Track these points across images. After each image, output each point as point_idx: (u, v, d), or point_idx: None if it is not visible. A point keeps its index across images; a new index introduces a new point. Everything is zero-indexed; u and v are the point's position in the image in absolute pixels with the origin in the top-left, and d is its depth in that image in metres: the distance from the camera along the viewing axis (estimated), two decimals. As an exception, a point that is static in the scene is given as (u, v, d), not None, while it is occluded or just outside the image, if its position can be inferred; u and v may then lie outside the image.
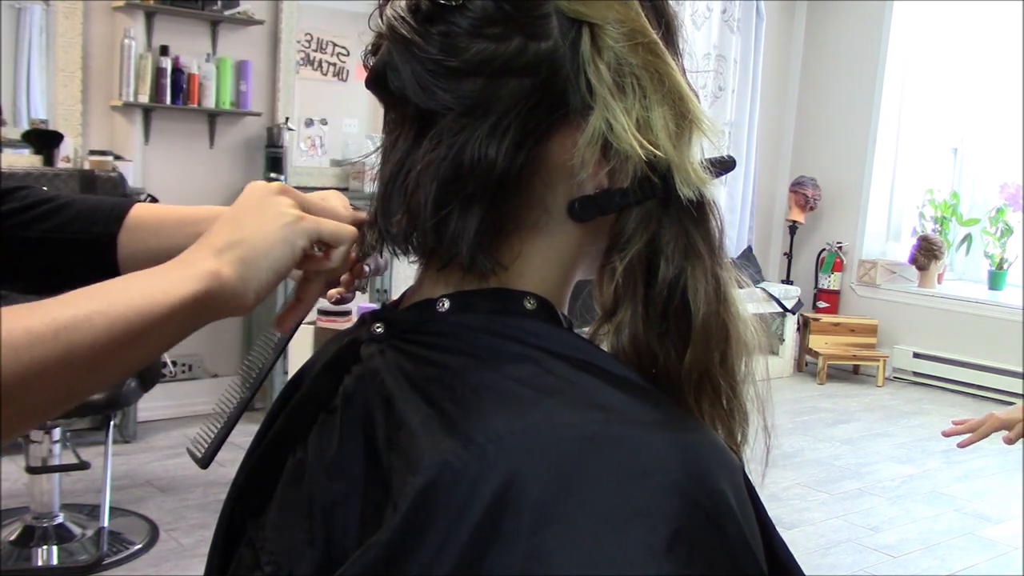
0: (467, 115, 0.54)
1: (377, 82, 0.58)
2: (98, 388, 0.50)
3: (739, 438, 0.59)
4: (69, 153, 3.93)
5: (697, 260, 0.57)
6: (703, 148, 0.58)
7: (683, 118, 0.56)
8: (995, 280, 5.75)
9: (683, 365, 0.57)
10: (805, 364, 6.04)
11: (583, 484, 0.47)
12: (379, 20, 0.58)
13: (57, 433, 2.89)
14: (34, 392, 0.46)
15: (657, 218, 0.57)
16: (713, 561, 0.47)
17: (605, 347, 0.59)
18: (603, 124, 0.55)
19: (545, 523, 0.46)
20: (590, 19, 0.55)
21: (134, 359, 0.50)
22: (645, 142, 0.54)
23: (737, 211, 5.93)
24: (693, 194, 0.56)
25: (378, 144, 0.62)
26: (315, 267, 0.62)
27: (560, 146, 0.56)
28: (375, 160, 0.61)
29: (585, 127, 0.55)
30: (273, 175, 4.45)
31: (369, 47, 0.60)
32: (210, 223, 0.73)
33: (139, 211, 0.80)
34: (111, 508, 2.98)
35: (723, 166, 0.59)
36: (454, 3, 0.54)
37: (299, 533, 0.58)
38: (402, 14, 0.56)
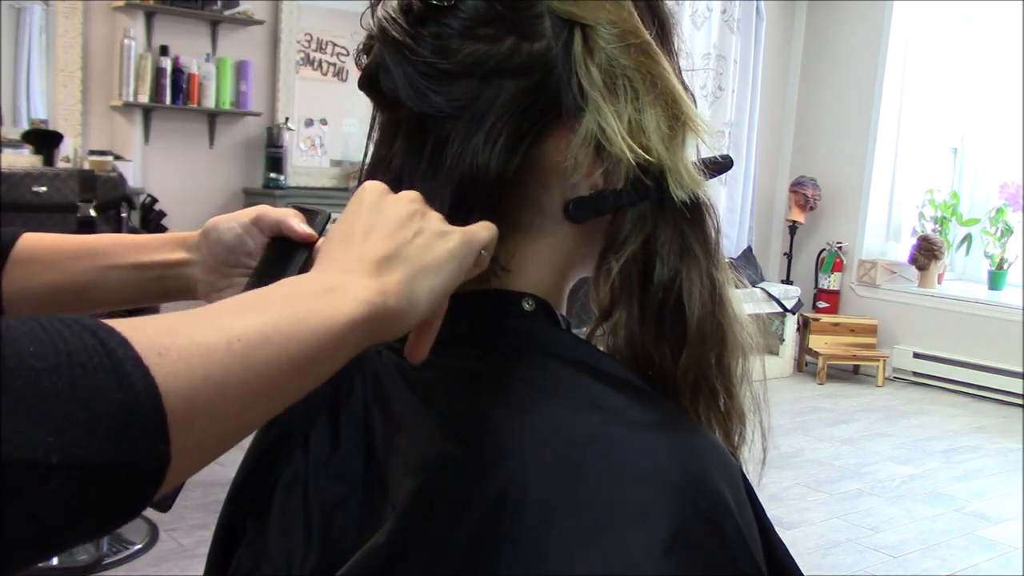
0: (460, 118, 0.54)
1: (369, 83, 0.58)
2: (266, 417, 0.43)
3: (736, 440, 0.59)
4: (69, 153, 3.93)
5: (692, 261, 0.57)
6: (700, 148, 0.58)
7: (676, 120, 0.55)
8: (995, 280, 5.75)
9: (679, 367, 0.57)
10: (805, 364, 6.04)
11: (581, 485, 0.47)
12: (371, 20, 0.58)
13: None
14: (208, 415, 0.38)
15: (652, 219, 0.56)
16: (712, 562, 0.46)
17: (602, 348, 0.59)
18: (595, 126, 0.54)
19: (543, 525, 0.46)
20: (582, 20, 0.55)
21: (307, 383, 0.44)
22: (636, 145, 0.54)
23: (737, 211, 5.93)
24: (687, 196, 0.56)
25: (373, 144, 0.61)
26: (474, 273, 0.55)
27: (554, 147, 0.56)
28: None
29: (578, 128, 0.55)
30: (273, 175, 4.45)
31: (361, 46, 0.60)
32: (117, 253, 0.69)
33: (29, 242, 0.70)
34: (111, 508, 2.98)
35: (719, 167, 0.59)
36: (446, 3, 0.54)
37: (298, 534, 0.58)
38: (393, 15, 0.55)
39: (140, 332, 0.37)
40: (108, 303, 0.71)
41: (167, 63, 4.16)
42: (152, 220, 3.97)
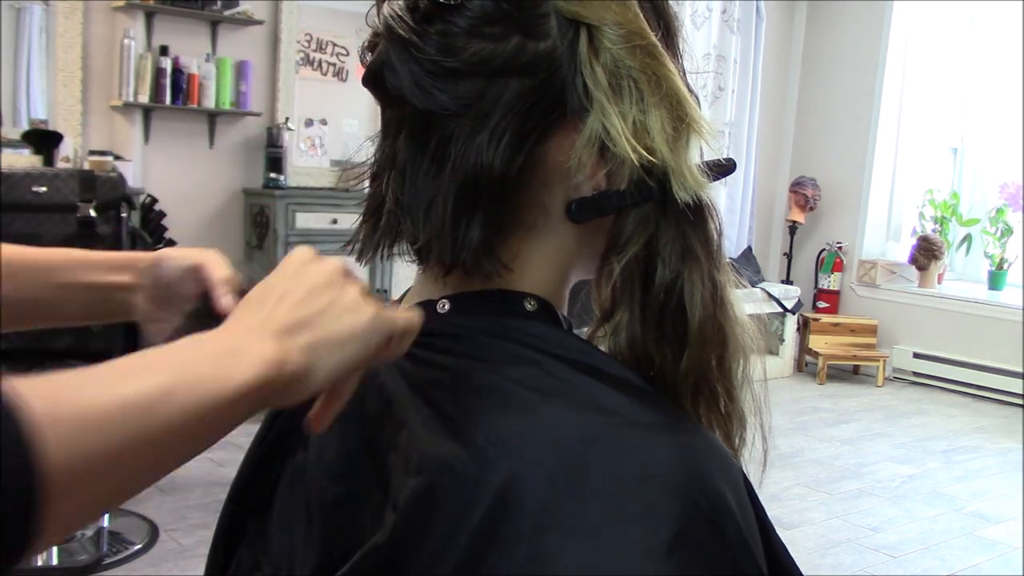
0: (465, 116, 0.54)
1: (374, 81, 0.58)
2: (157, 478, 0.43)
3: (736, 441, 0.59)
4: (69, 153, 3.93)
5: (694, 263, 0.57)
6: (702, 150, 0.58)
7: (680, 121, 0.55)
8: (995, 280, 5.75)
9: (680, 368, 0.57)
10: (805, 364, 6.04)
11: (583, 486, 0.47)
12: (376, 18, 0.58)
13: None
14: (92, 482, 0.39)
15: (655, 221, 0.56)
16: (713, 563, 0.47)
17: (603, 349, 0.59)
18: (599, 127, 0.54)
19: (545, 525, 0.46)
20: (588, 20, 0.55)
21: (195, 447, 0.44)
22: (640, 147, 0.54)
23: (737, 211, 5.93)
24: (690, 198, 0.56)
25: (375, 142, 0.61)
26: (377, 360, 0.54)
27: (558, 147, 0.56)
28: (368, 157, 0.61)
29: (583, 128, 0.55)
30: (273, 175, 4.46)
31: (366, 43, 0.59)
32: (69, 270, 0.69)
33: None
34: (111, 508, 2.98)
35: (722, 169, 0.59)
36: (453, 2, 0.54)
37: (299, 534, 0.58)
38: (400, 13, 0.55)
39: (36, 395, 0.37)
40: (57, 319, 0.71)
41: (167, 63, 4.16)
42: (152, 220, 3.97)
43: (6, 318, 0.68)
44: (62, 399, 0.38)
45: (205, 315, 0.63)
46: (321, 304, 0.50)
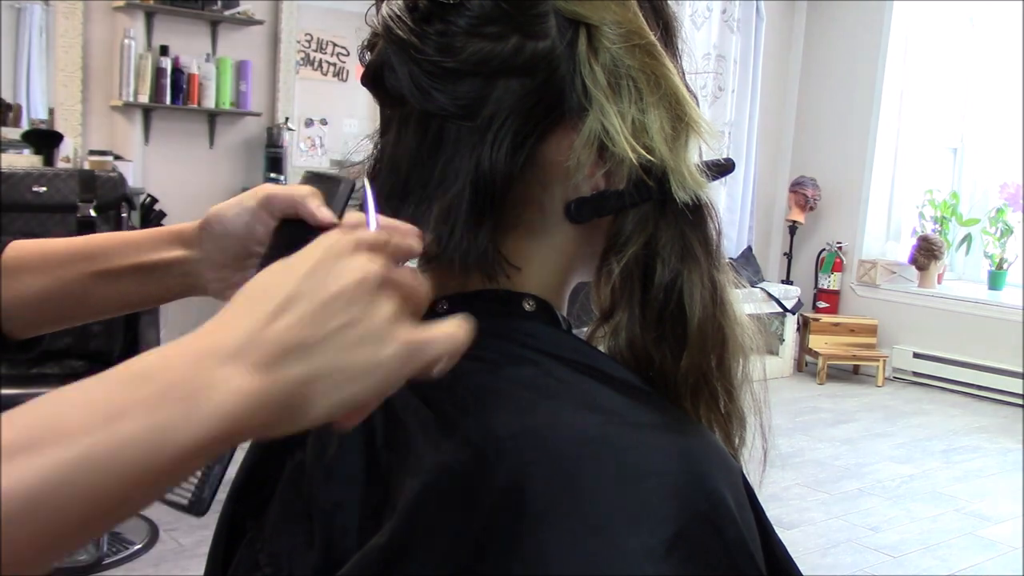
0: (464, 117, 0.54)
1: (373, 80, 0.58)
2: (102, 532, 0.36)
3: (736, 441, 0.59)
4: (69, 153, 3.93)
5: (693, 263, 0.57)
6: (701, 150, 0.58)
7: (679, 121, 0.55)
8: (995, 280, 5.75)
9: (679, 368, 0.57)
10: (805, 364, 6.04)
11: (582, 487, 0.47)
12: (375, 17, 0.58)
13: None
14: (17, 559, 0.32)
15: (654, 220, 0.56)
16: (712, 564, 0.46)
17: (602, 349, 0.58)
18: (598, 127, 0.54)
19: (545, 526, 0.46)
20: (587, 20, 0.54)
21: (141, 503, 0.37)
22: (639, 146, 0.54)
23: (737, 211, 5.93)
24: (689, 197, 0.56)
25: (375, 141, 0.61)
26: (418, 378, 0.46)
27: (557, 147, 0.56)
28: (367, 155, 0.61)
29: (582, 128, 0.55)
30: (273, 175, 4.46)
31: (365, 43, 0.59)
32: (106, 258, 0.63)
33: (16, 251, 0.64)
34: (111, 508, 2.98)
35: (721, 169, 0.59)
36: (452, 1, 0.54)
37: (299, 534, 0.58)
38: (399, 13, 0.55)
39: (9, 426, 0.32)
40: (110, 309, 0.65)
41: (167, 63, 4.16)
42: (152, 220, 3.97)
43: (54, 314, 0.64)
44: (15, 442, 0.32)
45: (291, 248, 0.46)
46: (336, 324, 0.41)
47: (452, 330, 0.45)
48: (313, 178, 0.56)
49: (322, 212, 0.52)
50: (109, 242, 0.64)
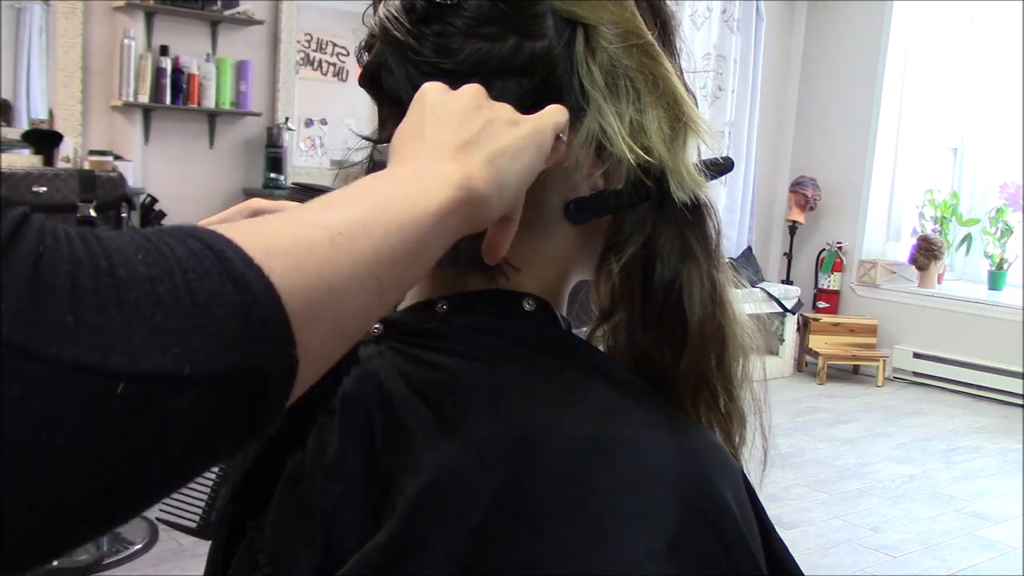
0: None
1: (371, 81, 0.58)
2: (376, 315, 0.41)
3: (736, 441, 0.59)
4: (69, 153, 3.93)
5: (693, 263, 0.57)
6: (700, 150, 0.58)
7: (677, 121, 0.55)
8: (995, 280, 5.75)
9: (679, 368, 0.57)
10: (805, 364, 6.04)
11: (582, 487, 0.47)
12: (373, 17, 0.58)
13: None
14: (324, 313, 0.36)
15: (653, 220, 0.56)
16: (713, 564, 0.46)
17: (602, 348, 0.58)
18: (596, 127, 0.54)
19: (545, 526, 0.46)
20: (584, 19, 0.54)
21: (408, 276, 0.42)
22: (636, 146, 0.54)
23: (737, 211, 5.93)
24: (688, 197, 0.56)
25: (372, 140, 0.61)
26: (552, 161, 0.53)
27: (554, 146, 0.56)
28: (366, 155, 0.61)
29: (580, 128, 0.55)
30: (273, 175, 4.46)
31: (363, 43, 0.59)
32: None
33: None
34: (111, 508, 2.97)
35: (720, 168, 0.59)
36: (449, 2, 0.54)
37: (299, 535, 0.58)
38: (396, 14, 0.55)
39: (241, 235, 0.35)
40: None
41: (167, 63, 4.16)
42: (152, 220, 3.97)
43: None
44: (269, 239, 0.35)
45: None
46: (480, 123, 0.49)
47: (554, 107, 0.53)
48: (300, 190, 0.59)
49: None
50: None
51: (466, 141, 0.47)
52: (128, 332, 0.30)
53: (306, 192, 0.64)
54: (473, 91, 0.51)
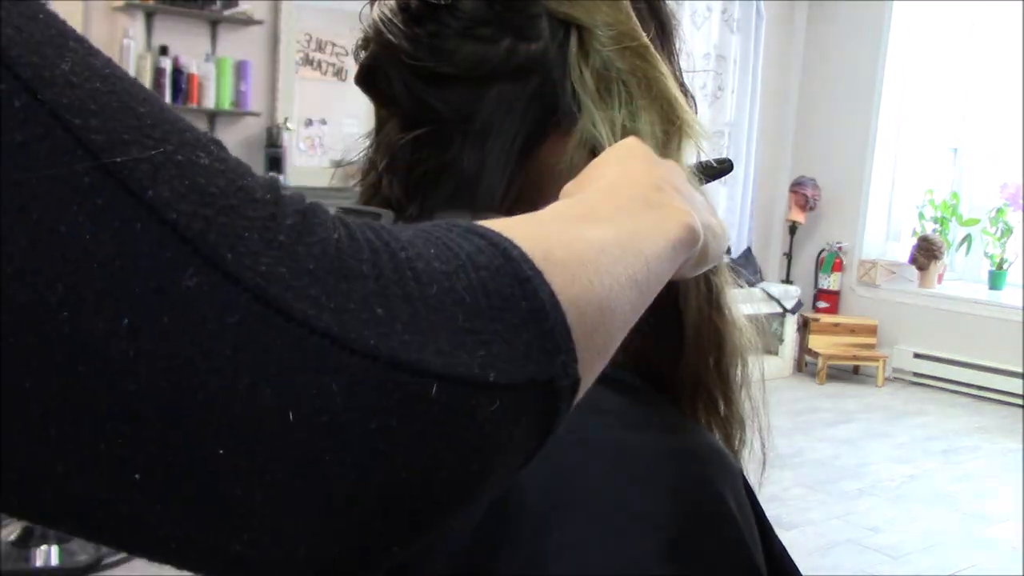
0: (459, 122, 0.54)
1: (366, 81, 0.58)
2: (621, 338, 0.38)
3: (736, 443, 0.59)
4: (69, 153, 3.93)
5: None
6: (700, 151, 0.58)
7: (671, 124, 0.55)
8: (995, 280, 5.75)
9: (677, 371, 0.56)
10: (805, 364, 6.04)
11: (582, 489, 0.47)
12: (369, 16, 0.57)
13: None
14: (595, 329, 0.34)
15: None
16: (712, 565, 0.46)
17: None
18: (590, 131, 0.54)
19: (544, 529, 0.46)
20: (578, 21, 0.54)
21: (646, 302, 0.40)
22: None
23: (737, 211, 5.93)
24: None
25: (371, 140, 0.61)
26: (679, 275, 0.48)
27: (551, 149, 0.55)
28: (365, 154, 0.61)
29: (574, 131, 0.54)
30: (273, 174, 4.45)
31: (359, 43, 0.59)
32: None
33: None
34: (111, 508, 2.97)
35: (717, 171, 0.59)
36: (444, 2, 0.53)
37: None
38: (390, 15, 0.54)
39: (519, 235, 0.32)
40: None
41: (167, 63, 4.16)
42: (152, 220, 3.97)
43: None
44: (547, 244, 0.33)
45: None
46: (694, 196, 0.46)
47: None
48: (349, 214, 0.56)
49: None
50: None
51: (684, 198, 0.45)
52: (436, 330, 0.28)
53: (355, 216, 0.59)
54: (680, 169, 0.49)
